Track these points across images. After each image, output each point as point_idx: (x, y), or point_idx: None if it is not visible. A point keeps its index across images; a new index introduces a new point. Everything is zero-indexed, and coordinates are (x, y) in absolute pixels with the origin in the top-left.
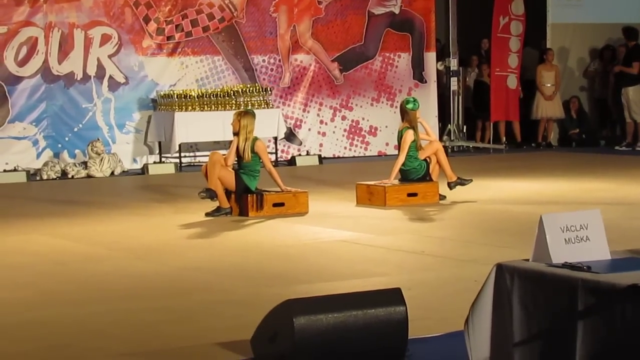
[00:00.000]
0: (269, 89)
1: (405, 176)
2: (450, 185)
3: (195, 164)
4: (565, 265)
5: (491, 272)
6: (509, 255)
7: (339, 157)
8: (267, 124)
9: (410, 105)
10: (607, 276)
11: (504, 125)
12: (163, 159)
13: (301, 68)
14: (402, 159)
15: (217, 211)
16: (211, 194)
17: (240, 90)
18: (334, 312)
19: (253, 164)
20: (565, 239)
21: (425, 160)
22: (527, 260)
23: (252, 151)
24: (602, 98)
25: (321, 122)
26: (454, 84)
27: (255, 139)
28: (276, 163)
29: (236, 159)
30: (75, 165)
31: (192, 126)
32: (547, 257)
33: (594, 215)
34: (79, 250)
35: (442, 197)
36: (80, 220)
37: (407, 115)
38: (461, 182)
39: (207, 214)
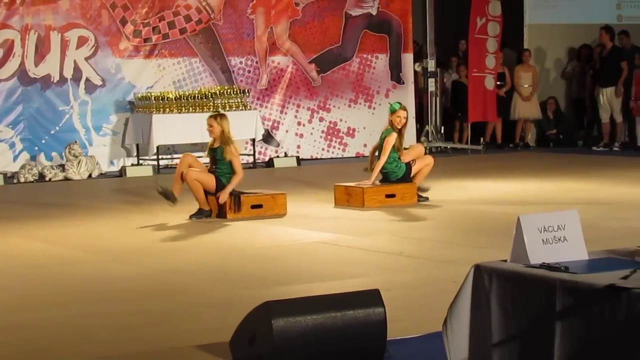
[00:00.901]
0: (246, 91)
1: (385, 178)
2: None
3: (173, 166)
4: (543, 266)
5: (469, 273)
6: (487, 256)
7: (316, 159)
8: (245, 126)
9: (390, 107)
10: (585, 276)
11: (492, 127)
12: (141, 162)
13: (278, 70)
14: (383, 160)
15: (199, 213)
16: (167, 194)
17: (217, 92)
18: (312, 314)
19: (229, 165)
20: (542, 240)
21: (407, 163)
22: (505, 261)
23: (225, 153)
24: (580, 98)
25: (299, 123)
26: (431, 85)
27: (231, 141)
28: (254, 165)
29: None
30: (53, 168)
31: (169, 128)
32: (525, 257)
33: (571, 215)
34: (57, 253)
35: (424, 199)
36: (58, 223)
37: (390, 117)
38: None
39: (191, 217)
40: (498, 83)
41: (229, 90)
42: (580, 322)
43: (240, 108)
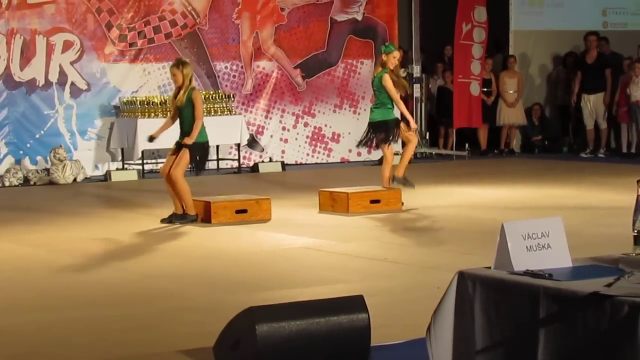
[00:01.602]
0: (231, 96)
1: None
2: (395, 179)
3: (158, 170)
4: (526, 273)
5: (453, 280)
6: (471, 262)
7: (301, 164)
8: (230, 131)
9: (383, 48)
10: (569, 284)
11: (483, 133)
12: (126, 166)
13: (263, 75)
14: (401, 102)
15: (183, 218)
16: (175, 219)
17: (202, 96)
18: (296, 320)
19: (188, 115)
20: (526, 247)
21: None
22: (489, 267)
23: (189, 99)
24: (565, 105)
25: (283, 128)
26: (416, 90)
27: (193, 87)
28: (239, 169)
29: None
30: (38, 172)
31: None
32: (508, 264)
33: (555, 222)
34: (41, 257)
35: (409, 184)
36: (42, 227)
37: (381, 59)
38: (406, 182)
39: (168, 220)
40: (484, 90)
41: (214, 95)
42: (564, 330)
43: (225, 113)
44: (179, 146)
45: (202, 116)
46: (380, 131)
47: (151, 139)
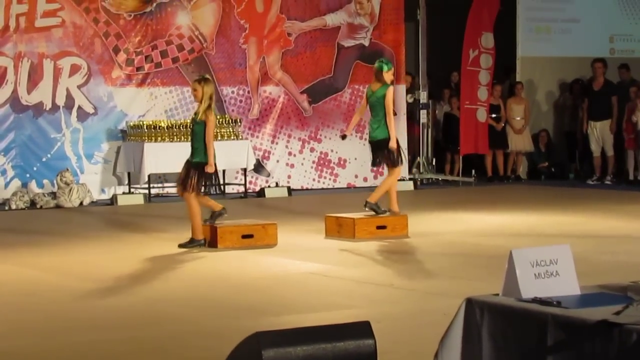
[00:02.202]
0: (238, 120)
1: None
2: (368, 204)
3: (164, 194)
4: (535, 300)
5: (461, 306)
6: (478, 289)
7: (307, 189)
8: (237, 155)
9: (385, 67)
10: (577, 311)
11: (491, 159)
12: (132, 190)
13: (270, 99)
14: (392, 120)
15: (191, 243)
16: (193, 244)
17: (216, 119)
18: (303, 345)
19: (199, 132)
20: (535, 274)
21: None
22: (497, 294)
23: (204, 113)
24: (572, 131)
25: (290, 153)
26: (423, 116)
27: (209, 107)
28: (245, 194)
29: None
30: (44, 195)
31: (161, 157)
32: (517, 291)
33: (563, 250)
34: (48, 281)
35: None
36: (49, 251)
37: (382, 78)
38: (378, 208)
39: (180, 245)
40: (493, 116)
41: (220, 120)
42: (572, 358)
43: (232, 137)
44: (189, 165)
45: (212, 139)
46: (380, 151)
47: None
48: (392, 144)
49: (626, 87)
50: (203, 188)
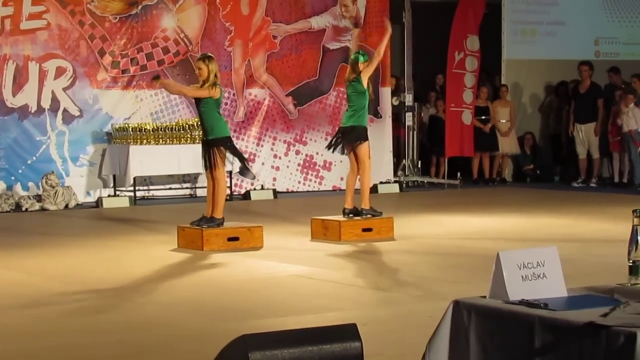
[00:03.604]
0: None
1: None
2: (364, 211)
3: (150, 197)
4: (522, 302)
5: (448, 309)
6: (464, 291)
7: (293, 192)
8: None
9: (361, 58)
10: (564, 313)
11: (478, 161)
12: (117, 193)
13: (255, 102)
14: (376, 61)
15: (211, 221)
16: (204, 222)
17: (194, 123)
18: (289, 348)
19: (208, 111)
20: (522, 276)
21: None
22: (484, 297)
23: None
24: (557, 134)
25: (275, 156)
26: (409, 119)
27: (217, 84)
28: (230, 197)
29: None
30: (30, 198)
31: (146, 160)
32: (504, 294)
33: (550, 252)
34: (33, 284)
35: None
36: (34, 253)
37: (358, 69)
38: (375, 212)
39: (194, 223)
40: (482, 118)
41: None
42: None
43: None
44: (207, 144)
45: (197, 95)
46: (351, 137)
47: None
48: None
49: (612, 89)
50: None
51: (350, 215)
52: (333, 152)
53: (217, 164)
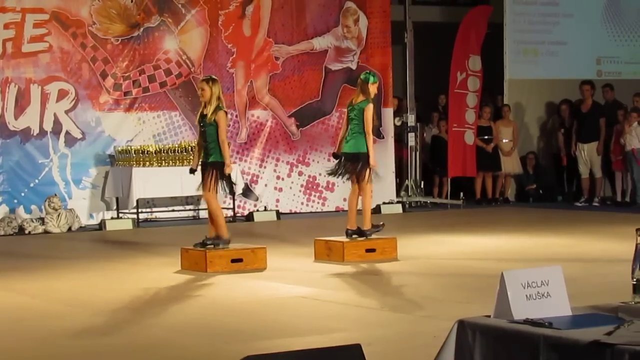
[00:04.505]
0: None
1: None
2: (368, 232)
3: (153, 219)
4: (526, 322)
5: (453, 328)
6: (468, 311)
7: (296, 213)
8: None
9: (370, 78)
10: (569, 332)
11: (481, 181)
12: (120, 215)
13: (258, 124)
14: (371, 137)
15: (217, 239)
16: (208, 242)
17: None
18: None
19: (216, 137)
20: (526, 295)
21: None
22: (489, 316)
23: (214, 118)
24: (560, 154)
25: (278, 177)
26: (411, 139)
27: (220, 107)
28: (234, 218)
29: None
30: (33, 221)
31: (149, 182)
32: (508, 313)
33: (555, 271)
34: (36, 307)
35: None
36: (38, 276)
37: (367, 89)
38: (378, 227)
39: (199, 245)
40: (485, 138)
41: None
42: None
43: None
44: (205, 166)
45: (226, 138)
46: (354, 163)
47: (192, 171)
48: (373, 162)
49: (612, 108)
50: (226, 189)
51: (354, 236)
52: (335, 177)
53: (208, 185)
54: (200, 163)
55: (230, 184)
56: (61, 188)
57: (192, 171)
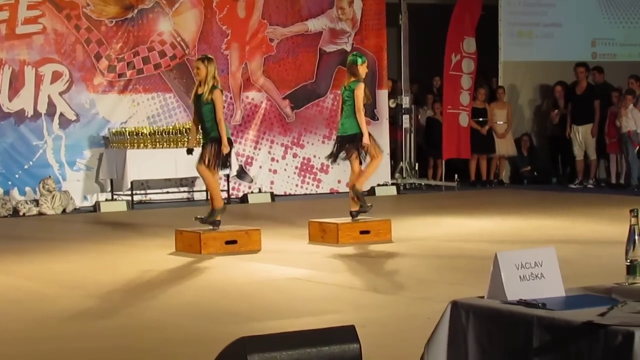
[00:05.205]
0: None
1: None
2: (355, 190)
3: (147, 201)
4: (520, 303)
5: (446, 310)
6: (462, 293)
7: (290, 195)
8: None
9: (359, 60)
10: (562, 313)
11: (475, 163)
12: (115, 197)
13: (252, 105)
14: (363, 116)
15: (211, 214)
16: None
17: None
18: (288, 350)
19: (212, 116)
20: (520, 276)
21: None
22: (482, 297)
23: (210, 93)
24: (554, 136)
25: (272, 159)
26: (406, 121)
27: (215, 85)
28: (228, 200)
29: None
30: (27, 203)
31: (144, 163)
32: (502, 294)
33: (548, 252)
34: (31, 289)
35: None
36: (32, 258)
37: (357, 70)
38: (364, 203)
39: (198, 219)
40: (480, 120)
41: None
42: (558, 359)
43: None
44: (205, 143)
45: (223, 117)
46: (352, 144)
47: (189, 151)
48: (366, 140)
49: (602, 90)
50: (222, 166)
51: (359, 216)
52: (335, 162)
53: (204, 159)
54: (201, 144)
55: (225, 160)
56: (55, 170)
57: (190, 151)
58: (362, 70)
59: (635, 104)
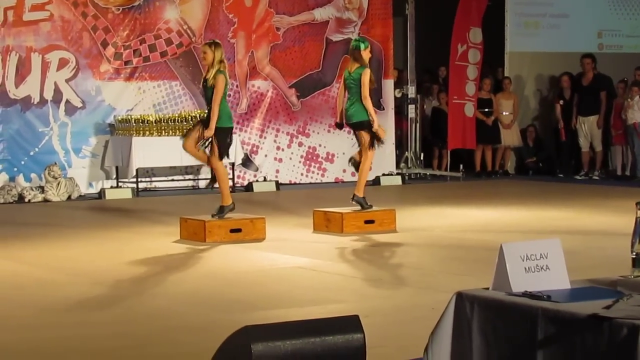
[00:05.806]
0: None
1: (347, 119)
2: (355, 198)
3: (152, 189)
4: (525, 294)
5: (451, 301)
6: (466, 284)
7: (295, 184)
8: None
9: (362, 45)
10: (567, 305)
11: (480, 154)
12: (120, 184)
13: (258, 94)
14: (370, 102)
15: (221, 211)
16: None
17: (197, 115)
18: (291, 339)
19: (211, 96)
20: (525, 268)
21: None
22: (487, 288)
23: (214, 78)
24: (558, 126)
25: (278, 148)
26: (411, 111)
27: (220, 70)
28: (233, 189)
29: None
30: (32, 189)
31: (149, 151)
32: (507, 286)
33: (554, 244)
34: (36, 275)
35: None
36: (37, 245)
37: (360, 56)
38: (365, 203)
39: (213, 216)
40: (485, 110)
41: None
42: (562, 352)
43: None
44: (204, 122)
45: (219, 101)
46: (364, 129)
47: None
48: (376, 126)
49: (612, 82)
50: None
51: (353, 202)
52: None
53: (213, 151)
54: (202, 120)
55: (221, 147)
56: (61, 157)
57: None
58: (366, 55)
59: None
